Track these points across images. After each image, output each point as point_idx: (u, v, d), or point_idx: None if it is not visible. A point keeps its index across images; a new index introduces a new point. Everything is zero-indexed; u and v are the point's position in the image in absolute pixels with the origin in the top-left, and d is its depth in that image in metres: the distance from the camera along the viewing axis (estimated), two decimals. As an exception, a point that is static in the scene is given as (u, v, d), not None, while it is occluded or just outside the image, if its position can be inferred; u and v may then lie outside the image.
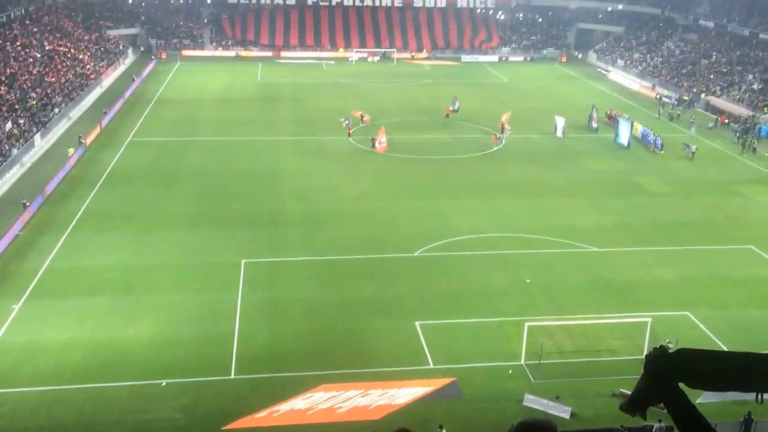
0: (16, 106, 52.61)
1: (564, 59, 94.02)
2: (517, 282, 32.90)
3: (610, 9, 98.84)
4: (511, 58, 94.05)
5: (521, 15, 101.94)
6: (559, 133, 56.30)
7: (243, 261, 34.03)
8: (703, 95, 69.64)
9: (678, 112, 64.92)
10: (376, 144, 50.84)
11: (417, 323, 29.04)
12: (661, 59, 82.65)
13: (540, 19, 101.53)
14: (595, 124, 58.71)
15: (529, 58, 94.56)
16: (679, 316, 30.19)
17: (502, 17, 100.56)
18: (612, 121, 59.12)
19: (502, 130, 55.04)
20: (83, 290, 31.10)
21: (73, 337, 27.54)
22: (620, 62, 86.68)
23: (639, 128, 55.98)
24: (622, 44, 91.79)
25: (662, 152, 52.87)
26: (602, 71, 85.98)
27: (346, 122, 54.83)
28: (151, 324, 28.53)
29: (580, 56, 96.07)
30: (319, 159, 49.96)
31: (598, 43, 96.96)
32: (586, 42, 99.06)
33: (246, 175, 46.23)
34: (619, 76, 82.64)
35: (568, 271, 34.19)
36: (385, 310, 30.27)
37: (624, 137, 54.42)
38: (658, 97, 71.09)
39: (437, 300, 31.12)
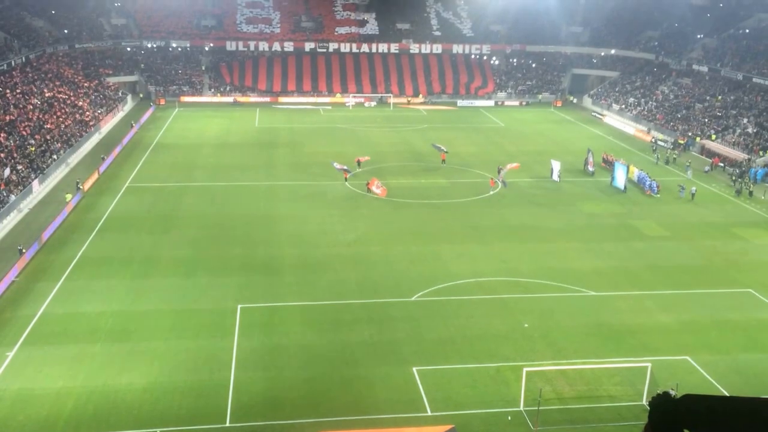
0: (15, 153, 52.93)
1: (559, 104, 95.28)
2: (515, 326, 32.65)
3: (603, 54, 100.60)
4: (506, 103, 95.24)
5: (515, 60, 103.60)
6: (555, 177, 56.64)
7: (239, 306, 33.81)
8: (698, 139, 70.34)
9: (674, 155, 65.50)
10: (374, 188, 51.02)
11: (414, 369, 28.72)
12: (655, 103, 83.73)
13: (534, 65, 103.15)
14: (591, 168, 59.12)
15: (524, 103, 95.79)
16: (679, 360, 29.91)
17: (497, 63, 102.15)
18: (608, 164, 59.55)
19: (499, 173, 55.25)
20: (78, 337, 30.80)
21: (66, 385, 27.15)
22: (615, 106, 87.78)
23: (635, 172, 56.35)
24: (617, 89, 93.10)
25: (658, 196, 53.14)
26: (597, 115, 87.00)
27: (341, 167, 54.87)
28: (145, 371, 28.17)
29: (575, 101, 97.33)
30: (315, 204, 50.10)
31: (592, 88, 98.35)
32: (581, 87, 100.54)
33: (242, 220, 46.28)
34: (614, 120, 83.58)
35: (567, 315, 33.97)
36: (382, 355, 29.97)
37: (620, 181, 54.75)
38: (653, 140, 71.80)
39: (435, 345, 30.84)
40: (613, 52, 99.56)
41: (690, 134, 71.86)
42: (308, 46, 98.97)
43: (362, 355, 29.98)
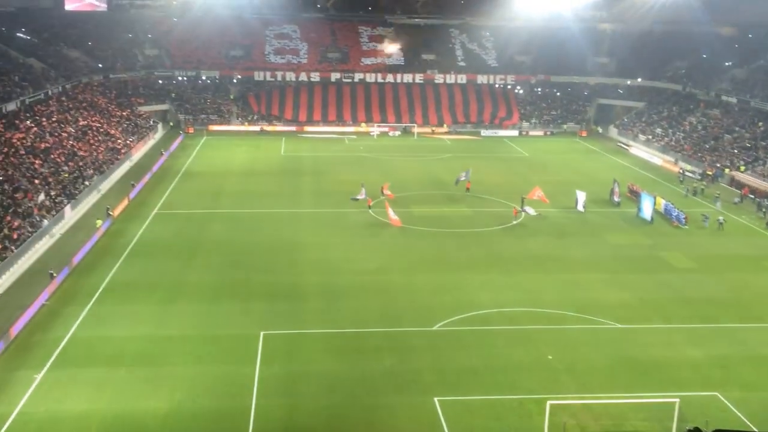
0: (50, 179, 54.19)
1: (584, 134, 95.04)
2: (539, 358, 32.34)
3: (629, 82, 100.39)
4: (531, 133, 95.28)
5: (540, 90, 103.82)
6: (580, 207, 56.35)
7: (262, 333, 33.99)
8: (726, 170, 69.58)
9: (702, 186, 64.82)
10: (391, 214, 51.18)
11: (436, 399, 28.54)
12: (683, 134, 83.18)
13: (559, 94, 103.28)
14: (616, 199, 58.73)
15: (549, 133, 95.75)
16: (708, 396, 29.31)
17: (521, 92, 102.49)
18: (634, 195, 59.12)
19: (523, 203, 55.15)
20: (103, 361, 31.19)
21: (90, 408, 27.47)
22: (642, 137, 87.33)
23: (662, 203, 55.85)
24: (643, 119, 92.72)
25: (686, 227, 52.53)
26: (623, 146, 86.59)
27: (362, 197, 55.30)
28: (168, 396, 28.39)
29: (600, 131, 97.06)
30: (339, 231, 50.37)
31: (618, 118, 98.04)
32: (607, 117, 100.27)
33: (266, 246, 46.67)
34: (640, 150, 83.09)
35: (592, 347, 33.55)
36: (403, 385, 29.85)
37: (647, 212, 54.27)
38: (681, 171, 71.18)
39: (457, 375, 30.65)
40: (639, 80, 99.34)
41: (719, 165, 71.15)
42: (334, 76, 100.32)
43: (383, 384, 29.88)
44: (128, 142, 74.13)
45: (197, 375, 30.14)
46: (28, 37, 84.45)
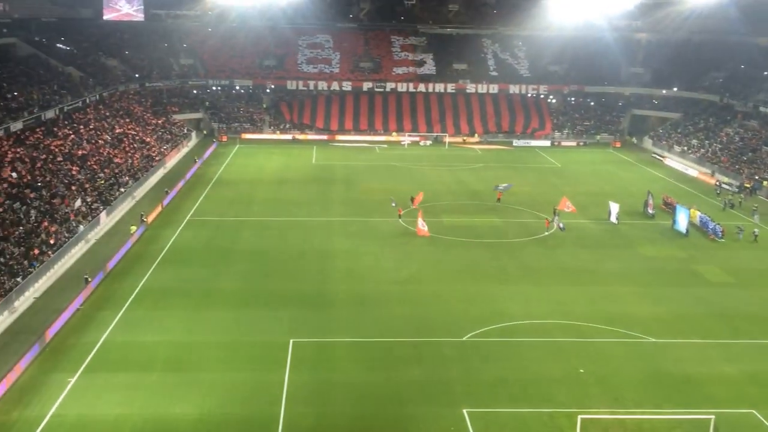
0: (86, 185, 55.26)
1: (618, 144, 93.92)
2: (570, 371, 31.94)
3: (665, 92, 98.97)
4: (563, 143, 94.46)
5: (573, 99, 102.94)
6: (613, 219, 55.63)
7: (291, 341, 34.12)
8: (765, 183, 68.11)
9: (739, 199, 63.53)
10: (420, 224, 51.14)
11: (465, 410, 28.34)
12: (720, 145, 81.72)
13: (593, 104, 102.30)
14: (651, 211, 57.85)
15: (581, 143, 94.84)
16: (744, 414, 28.63)
17: (554, 101, 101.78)
18: (669, 207, 58.17)
19: (555, 214, 54.71)
20: (135, 365, 31.61)
21: (122, 412, 27.83)
22: (677, 148, 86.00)
23: (697, 215, 54.86)
24: (678, 130, 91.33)
25: (723, 240, 51.49)
26: (658, 157, 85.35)
27: (394, 203, 55.44)
28: (198, 402, 28.63)
29: (635, 142, 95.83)
30: (369, 240, 50.43)
31: (653, 129, 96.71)
32: (641, 127, 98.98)
33: (297, 254, 46.91)
34: (675, 162, 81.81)
35: (624, 361, 33.03)
36: (432, 395, 29.70)
37: (682, 224, 53.34)
38: (717, 184, 69.87)
39: (486, 387, 30.41)
40: (675, 91, 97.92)
41: (757, 178, 69.68)
42: (366, 85, 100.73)
43: (412, 394, 29.76)
44: (162, 149, 75.27)
45: (227, 381, 30.36)
46: (69, 47, 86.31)
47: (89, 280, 40.18)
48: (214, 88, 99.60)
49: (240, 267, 44.41)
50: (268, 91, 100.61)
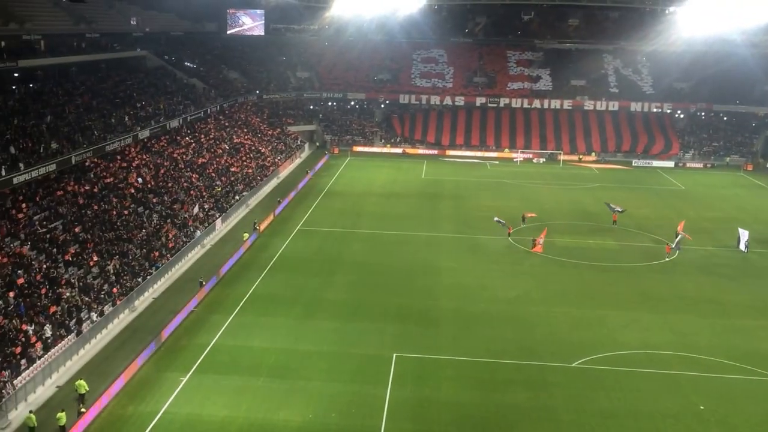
0: (204, 192, 57.77)
1: (750, 167, 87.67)
2: (688, 407, 29.82)
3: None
4: (688, 165, 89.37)
5: (703, 114, 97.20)
6: (742, 247, 51.85)
7: (395, 355, 33.86)
8: None
9: None
10: (539, 240, 49.71)
11: (573, 442, 26.97)
12: None
13: (723, 124, 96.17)
14: (784, 239, 53.49)
15: (709, 165, 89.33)
16: None
17: (680, 120, 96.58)
18: (805, 236, 53.57)
19: (677, 237, 51.66)
20: (243, 370, 32.37)
21: (229, 415, 28.51)
22: (815, 173, 79.33)
23: (839, 246, 50.16)
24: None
25: None
26: (793, 181, 79.01)
27: (501, 222, 54.20)
28: (301, 410, 28.89)
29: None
30: (477, 257, 49.53)
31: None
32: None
33: (403, 269, 46.72)
34: (813, 187, 75.44)
35: (751, 401, 30.44)
36: (537, 422, 28.54)
37: (820, 255, 48.95)
38: None
39: (595, 417, 28.89)
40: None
41: None
42: (479, 100, 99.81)
43: (516, 420, 28.72)
44: (276, 160, 77.63)
45: (330, 391, 30.48)
46: (193, 61, 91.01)
47: (203, 283, 41.76)
48: (329, 102, 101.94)
49: (347, 278, 44.76)
50: (382, 106, 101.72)
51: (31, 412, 27.68)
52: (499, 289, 43.25)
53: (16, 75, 55.79)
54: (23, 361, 30.13)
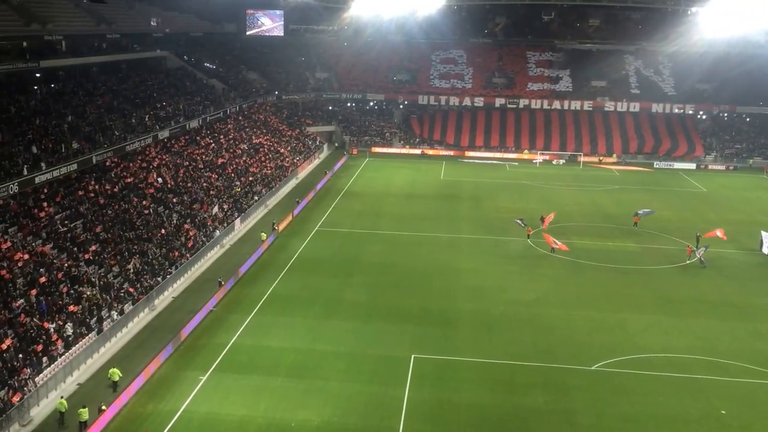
0: (223, 192, 58.05)
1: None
2: (710, 412, 29.46)
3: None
4: (710, 167, 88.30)
5: (726, 116, 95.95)
6: (765, 250, 51.11)
7: (413, 356, 33.78)
8: None
9: None
10: (554, 245, 49.40)
11: (592, 446, 26.72)
12: None
13: (747, 125, 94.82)
14: (809, 242, 52.61)
15: (731, 167, 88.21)
16: None
17: (702, 121, 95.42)
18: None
19: (697, 242, 51.04)
20: (262, 369, 32.47)
21: (248, 414, 28.62)
22: (840, 175, 78.01)
23: None
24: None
25: None
26: (818, 184, 77.74)
27: (522, 223, 53.85)
28: (319, 410, 28.91)
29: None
30: (496, 259, 49.28)
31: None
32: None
33: (421, 270, 46.61)
34: (838, 190, 74.16)
35: (775, 407, 29.97)
36: (556, 425, 28.33)
37: None
38: None
39: (615, 421, 28.66)
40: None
41: None
42: (498, 101, 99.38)
43: (535, 423, 28.54)
44: (295, 160, 77.81)
45: (348, 392, 30.48)
46: (212, 62, 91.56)
47: (222, 283, 41.94)
48: (348, 103, 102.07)
49: (365, 279, 44.74)
50: (401, 107, 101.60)
51: (62, 397, 28.25)
52: (518, 291, 43.00)
53: (38, 75, 56.49)
54: (45, 359, 30.48)
